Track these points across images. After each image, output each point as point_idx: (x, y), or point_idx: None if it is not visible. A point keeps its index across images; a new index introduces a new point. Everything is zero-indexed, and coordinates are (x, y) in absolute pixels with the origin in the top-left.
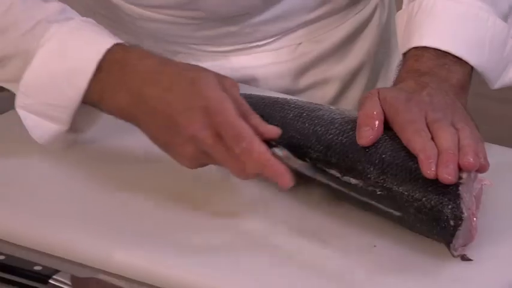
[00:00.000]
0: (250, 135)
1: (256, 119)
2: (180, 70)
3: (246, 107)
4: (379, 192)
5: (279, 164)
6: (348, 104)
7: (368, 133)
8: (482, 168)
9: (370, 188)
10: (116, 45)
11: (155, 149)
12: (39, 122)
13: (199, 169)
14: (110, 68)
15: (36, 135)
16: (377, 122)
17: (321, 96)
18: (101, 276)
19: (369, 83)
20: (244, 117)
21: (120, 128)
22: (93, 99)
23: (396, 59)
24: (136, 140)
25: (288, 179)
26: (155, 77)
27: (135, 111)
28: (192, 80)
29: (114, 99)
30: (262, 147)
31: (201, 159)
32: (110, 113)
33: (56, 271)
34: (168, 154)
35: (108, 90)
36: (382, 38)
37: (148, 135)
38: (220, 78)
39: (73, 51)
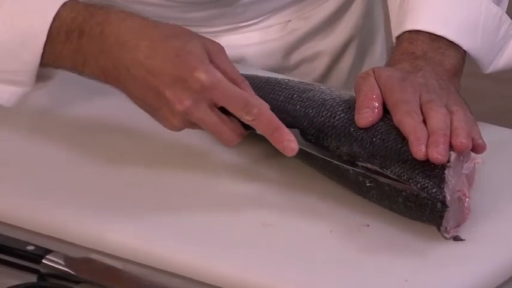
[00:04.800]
0: (257, 101)
1: (247, 88)
2: (164, 36)
3: (236, 72)
4: (368, 184)
5: (287, 129)
6: (338, 78)
7: (367, 115)
8: (480, 148)
9: (360, 178)
10: (77, 5)
11: (136, 118)
12: (2, 89)
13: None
14: (91, 31)
15: (2, 100)
16: (376, 104)
17: (311, 72)
18: (94, 256)
19: (357, 56)
20: (237, 84)
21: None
22: (76, 67)
23: (380, 31)
24: (119, 108)
25: (295, 144)
26: (136, 42)
27: (117, 77)
28: (178, 50)
29: (96, 63)
30: (270, 112)
31: (188, 127)
32: (93, 77)
33: (49, 251)
34: (152, 117)
35: (90, 55)
36: (367, 10)
37: (131, 100)
38: (207, 45)
39: (20, 18)
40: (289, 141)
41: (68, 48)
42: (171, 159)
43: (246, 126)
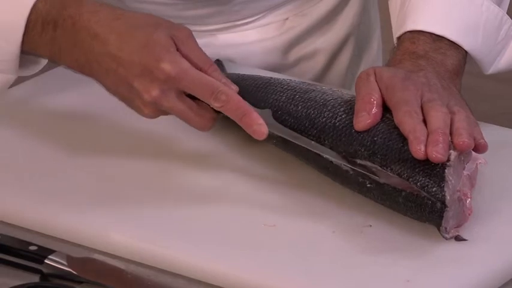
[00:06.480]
0: (225, 88)
1: (215, 73)
2: (131, 28)
3: (203, 57)
4: (368, 185)
5: (256, 113)
6: (336, 76)
7: (364, 118)
8: (482, 148)
9: (360, 179)
10: None
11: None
12: None
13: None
14: (64, 23)
15: None
16: (375, 108)
17: (309, 70)
18: (97, 256)
19: (355, 53)
20: (204, 70)
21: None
22: (53, 57)
23: (376, 29)
24: (116, 107)
25: (265, 128)
26: (106, 35)
27: (89, 68)
28: (145, 41)
29: (71, 56)
30: (239, 97)
31: (162, 114)
32: (69, 68)
33: (52, 251)
34: (126, 105)
35: (64, 47)
36: (364, 8)
37: (106, 90)
38: (173, 32)
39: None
40: (259, 125)
41: (44, 39)
42: (172, 157)
43: (217, 110)
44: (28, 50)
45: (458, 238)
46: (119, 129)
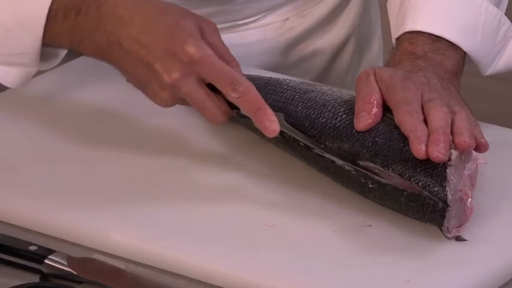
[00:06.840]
0: (244, 79)
1: (237, 67)
2: (159, 12)
3: (227, 51)
4: (370, 185)
5: (270, 109)
6: (337, 76)
7: (365, 118)
8: (483, 147)
9: (362, 179)
10: None
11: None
12: (8, 71)
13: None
14: (88, 9)
15: (8, 83)
16: (375, 108)
17: (310, 70)
18: (97, 256)
19: (355, 53)
20: (227, 62)
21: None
22: (73, 44)
23: (377, 29)
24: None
25: (277, 126)
26: (131, 17)
27: (110, 51)
28: (172, 25)
29: (92, 40)
30: (256, 91)
31: (177, 102)
32: (88, 55)
33: (52, 251)
34: (143, 93)
35: (87, 33)
36: (364, 8)
37: (123, 74)
38: (200, 23)
39: (19, 2)
40: (271, 122)
41: (65, 27)
42: (171, 158)
43: (231, 106)
44: (47, 40)
45: (458, 238)
46: (118, 130)
